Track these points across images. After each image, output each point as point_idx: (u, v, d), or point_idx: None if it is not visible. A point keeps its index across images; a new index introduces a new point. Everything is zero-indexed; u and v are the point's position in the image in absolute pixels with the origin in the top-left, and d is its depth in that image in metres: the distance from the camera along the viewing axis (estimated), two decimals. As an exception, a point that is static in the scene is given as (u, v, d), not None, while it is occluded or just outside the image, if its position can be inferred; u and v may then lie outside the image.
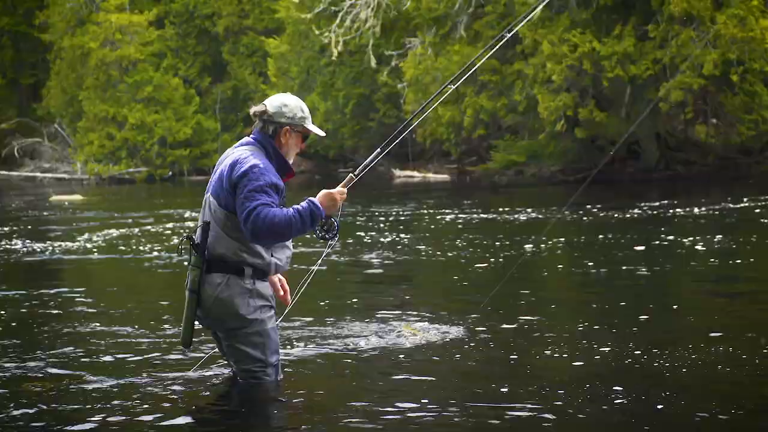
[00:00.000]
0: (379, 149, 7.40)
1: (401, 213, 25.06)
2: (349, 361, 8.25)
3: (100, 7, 54.73)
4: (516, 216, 22.70)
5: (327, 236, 7.10)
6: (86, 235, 21.11)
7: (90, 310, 11.30)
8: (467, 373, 7.76)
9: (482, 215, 23.44)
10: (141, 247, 18.29)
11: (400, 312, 10.37)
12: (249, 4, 55.06)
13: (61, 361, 8.50)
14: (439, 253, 16.20)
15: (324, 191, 7.10)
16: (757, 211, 21.88)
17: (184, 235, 7.23)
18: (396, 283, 13.34)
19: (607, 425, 6.39)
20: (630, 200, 26.01)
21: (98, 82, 53.34)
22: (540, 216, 22.60)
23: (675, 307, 10.81)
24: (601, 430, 6.35)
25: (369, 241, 18.16)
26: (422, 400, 6.88)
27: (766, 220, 20.22)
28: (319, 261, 7.57)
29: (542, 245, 16.72)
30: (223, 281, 7.03)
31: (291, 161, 7.31)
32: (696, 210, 22.49)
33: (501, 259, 14.92)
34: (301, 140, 7.33)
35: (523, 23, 7.89)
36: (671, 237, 17.24)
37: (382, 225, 21.81)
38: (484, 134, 40.49)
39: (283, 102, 7.25)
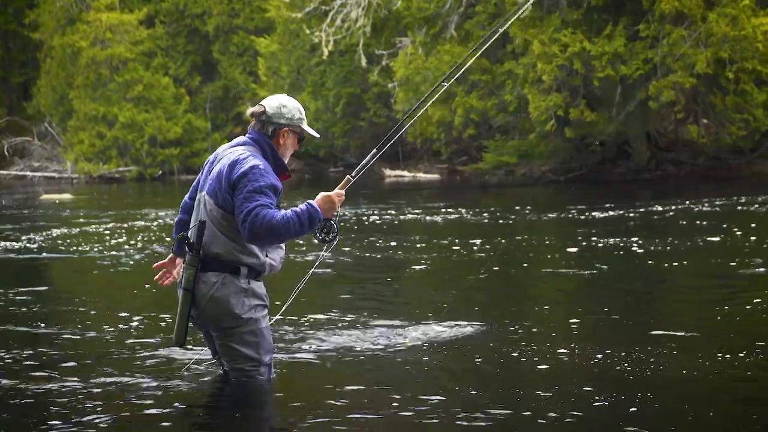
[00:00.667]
0: (375, 150, 7.40)
1: (390, 213, 25.04)
2: (341, 361, 8.24)
3: (90, 6, 54.60)
4: (499, 216, 22.72)
5: (327, 238, 7.10)
6: (75, 234, 21.07)
7: (79, 309, 11.27)
8: (458, 375, 7.76)
9: (470, 215, 23.46)
10: (130, 246, 18.26)
11: (390, 314, 10.35)
12: (239, 3, 54.99)
13: (48, 360, 8.49)
14: (425, 255, 16.21)
15: (322, 194, 7.10)
16: (709, 211, 21.92)
17: (180, 234, 7.21)
18: (386, 283, 13.34)
19: (584, 425, 6.40)
20: (605, 200, 26.03)
21: (88, 81, 53.21)
22: (512, 217, 22.62)
23: (606, 309, 10.82)
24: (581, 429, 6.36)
25: (361, 241, 18.17)
26: (416, 401, 6.88)
27: (706, 222, 20.26)
28: (317, 263, 7.55)
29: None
30: (218, 280, 7.02)
31: (286, 161, 7.31)
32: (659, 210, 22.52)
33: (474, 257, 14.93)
34: (297, 141, 7.35)
35: (517, 15, 7.84)
36: (610, 239, 17.26)
37: (371, 225, 21.82)
38: (475, 134, 40.50)
39: (282, 103, 7.27)
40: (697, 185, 32.05)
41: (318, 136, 7.51)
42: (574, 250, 15.95)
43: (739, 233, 17.61)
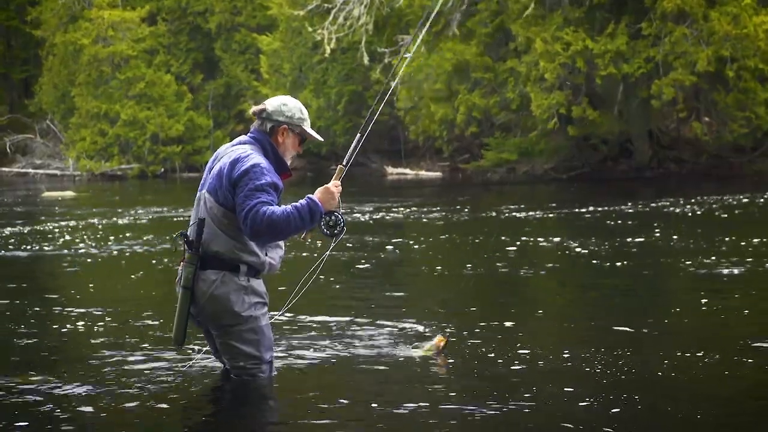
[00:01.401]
0: (359, 134, 7.36)
1: (390, 211, 25.03)
2: (343, 361, 8.23)
3: (92, 4, 54.61)
4: (500, 213, 22.71)
5: (334, 231, 7.07)
6: (76, 231, 21.06)
7: (77, 306, 11.26)
8: (458, 377, 7.75)
9: (470, 213, 23.45)
10: (131, 243, 18.25)
11: (394, 314, 10.35)
12: (241, 1, 55.01)
13: (46, 358, 8.48)
14: (430, 253, 16.21)
15: (320, 188, 7.09)
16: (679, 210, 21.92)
17: (178, 231, 7.21)
18: (388, 283, 13.33)
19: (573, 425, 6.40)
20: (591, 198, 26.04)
21: (90, 79, 53.22)
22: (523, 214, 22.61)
23: (539, 312, 10.80)
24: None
25: (360, 240, 18.16)
26: (414, 402, 6.86)
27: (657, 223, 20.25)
28: (324, 257, 7.50)
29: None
30: (218, 278, 7.01)
31: (288, 162, 7.30)
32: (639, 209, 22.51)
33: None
34: (298, 142, 7.34)
35: (436, 10, 7.82)
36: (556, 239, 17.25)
37: (371, 223, 21.81)
38: (477, 132, 40.50)
39: (283, 102, 7.29)
40: (698, 183, 32.04)
41: (321, 139, 7.49)
42: (568, 248, 15.94)
43: (736, 233, 17.59)
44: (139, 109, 52.52)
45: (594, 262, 14.23)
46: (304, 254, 15.01)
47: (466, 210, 24.32)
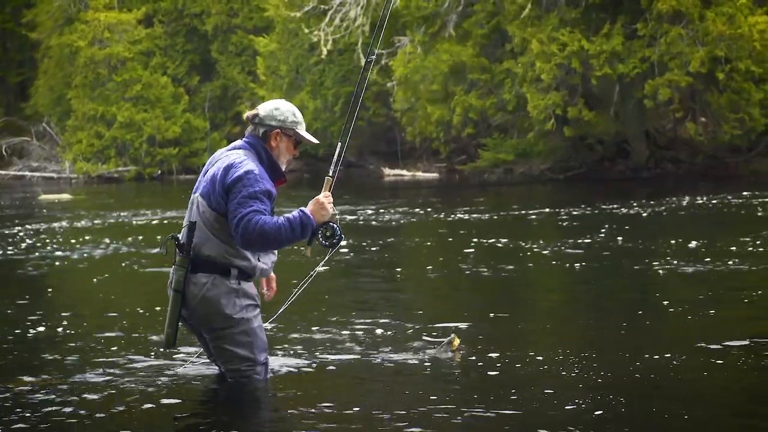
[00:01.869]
0: (339, 143, 7.34)
1: (388, 212, 25.03)
2: (340, 363, 8.22)
3: (88, 6, 54.57)
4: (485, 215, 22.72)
5: (333, 241, 7.07)
6: (72, 234, 21.06)
7: (73, 309, 11.26)
8: (454, 381, 7.75)
9: (465, 214, 23.47)
10: (127, 246, 18.25)
11: (390, 316, 10.35)
12: (238, 3, 54.99)
13: (40, 360, 8.47)
14: (420, 256, 16.21)
15: (311, 200, 7.08)
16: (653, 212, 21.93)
17: (169, 235, 7.21)
18: (385, 285, 13.33)
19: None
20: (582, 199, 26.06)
21: (86, 81, 53.16)
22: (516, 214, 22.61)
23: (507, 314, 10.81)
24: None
25: (358, 242, 18.16)
26: (412, 405, 6.86)
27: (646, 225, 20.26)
28: (320, 264, 7.50)
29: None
30: (208, 281, 7.01)
31: (284, 167, 7.29)
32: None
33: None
34: (293, 146, 7.32)
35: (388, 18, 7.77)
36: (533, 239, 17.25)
37: (368, 225, 21.82)
38: (474, 133, 40.50)
39: (275, 106, 7.27)
40: (695, 184, 32.05)
41: (316, 141, 7.47)
42: (564, 249, 15.95)
43: (732, 233, 17.61)
44: (135, 111, 52.48)
45: (587, 262, 14.23)
46: (301, 260, 15.00)
47: (463, 211, 24.32)
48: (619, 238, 17.00)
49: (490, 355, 8.25)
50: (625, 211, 22.69)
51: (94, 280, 14.48)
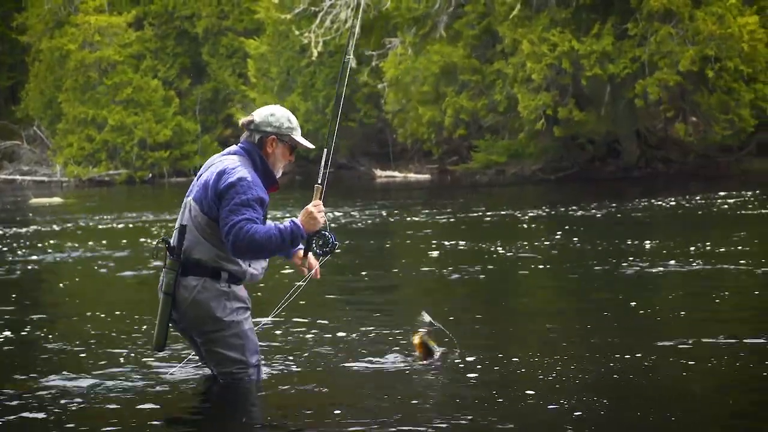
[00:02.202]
0: (325, 150, 7.32)
1: (379, 214, 25.04)
2: (329, 365, 8.22)
3: (78, 9, 54.53)
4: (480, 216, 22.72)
5: (326, 250, 7.10)
6: (63, 237, 21.04)
7: (65, 312, 11.24)
8: (437, 384, 7.75)
9: (456, 216, 23.48)
10: (118, 249, 18.23)
11: (383, 320, 10.35)
12: (228, 5, 54.95)
13: (31, 363, 8.45)
14: (413, 258, 16.21)
15: (302, 210, 7.09)
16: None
17: (160, 238, 7.21)
18: (379, 289, 13.33)
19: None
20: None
21: (77, 84, 53.13)
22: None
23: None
24: None
25: (351, 243, 18.16)
26: (406, 408, 6.87)
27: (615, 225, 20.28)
28: (312, 273, 7.47)
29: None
30: (198, 284, 7.00)
31: (279, 173, 7.29)
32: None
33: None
34: (289, 152, 7.31)
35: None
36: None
37: (360, 227, 21.82)
38: (465, 134, 40.51)
39: (271, 112, 7.25)
40: (685, 183, 32.08)
41: (312, 146, 7.44)
42: (555, 251, 15.96)
43: (715, 233, 17.64)
44: (126, 114, 52.46)
45: (579, 263, 14.24)
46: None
47: (454, 212, 24.33)
48: (604, 238, 17.02)
49: (469, 358, 8.24)
50: (615, 211, 22.71)
51: (85, 282, 14.45)
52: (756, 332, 8.87)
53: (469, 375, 7.66)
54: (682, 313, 10.11)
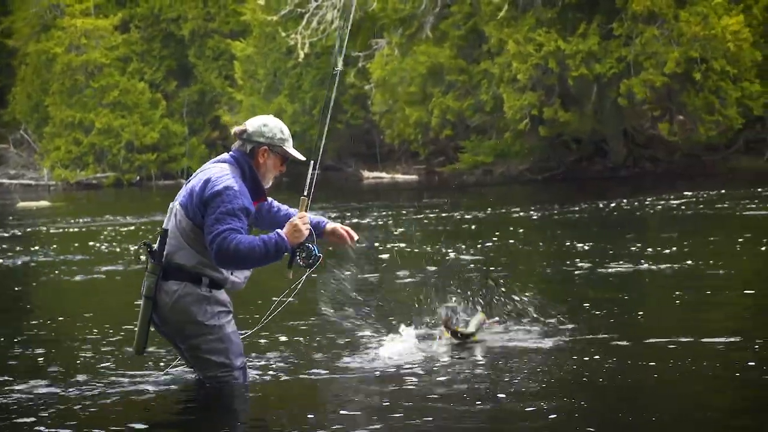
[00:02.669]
0: (311, 161, 7.31)
1: (371, 214, 25.04)
2: (320, 367, 8.23)
3: (64, 12, 54.47)
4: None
5: (309, 262, 7.10)
6: (50, 241, 21.01)
7: (52, 315, 11.22)
8: (430, 381, 7.76)
9: (445, 215, 23.49)
10: (104, 252, 18.21)
11: (373, 325, 10.35)
12: (214, 7, 54.92)
13: (19, 367, 8.44)
14: (403, 259, 16.23)
15: (287, 223, 7.07)
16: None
17: (142, 241, 7.20)
18: (369, 292, 13.33)
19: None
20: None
21: (64, 88, 53.09)
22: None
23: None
24: None
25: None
26: (393, 408, 6.88)
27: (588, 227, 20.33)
28: (299, 283, 7.48)
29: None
30: (179, 288, 7.00)
31: (269, 183, 7.30)
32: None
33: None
34: (280, 163, 7.32)
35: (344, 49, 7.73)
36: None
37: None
38: (452, 135, 40.52)
39: (264, 122, 7.25)
40: (672, 182, 32.10)
41: (303, 158, 7.42)
42: (542, 250, 15.99)
43: (698, 232, 17.67)
44: (113, 117, 52.44)
45: (570, 263, 14.27)
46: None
47: (441, 212, 24.34)
48: (589, 238, 17.06)
49: (450, 358, 8.27)
50: (600, 210, 22.75)
51: (70, 285, 14.43)
52: (745, 331, 8.90)
53: (449, 377, 7.68)
54: (670, 312, 10.15)
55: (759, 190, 25.36)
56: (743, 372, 7.51)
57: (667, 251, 14.80)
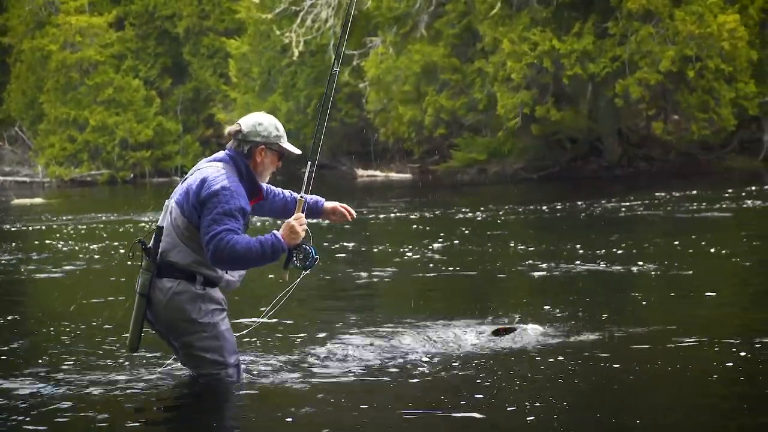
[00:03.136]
0: (309, 162, 7.33)
1: (366, 213, 25.04)
2: (314, 364, 8.23)
3: (59, 10, 54.41)
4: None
5: (306, 264, 7.10)
6: (44, 238, 20.99)
7: (46, 313, 11.21)
8: (437, 387, 7.77)
9: (436, 215, 23.49)
10: (98, 250, 18.20)
11: (365, 323, 10.35)
12: (209, 5, 54.87)
13: (13, 364, 8.42)
14: (395, 259, 16.23)
15: (284, 224, 7.08)
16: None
17: (136, 239, 7.20)
18: (361, 289, 13.33)
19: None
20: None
21: (58, 85, 53.04)
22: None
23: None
24: None
25: (337, 244, 18.17)
26: (386, 408, 6.88)
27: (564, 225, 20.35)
28: (295, 284, 7.48)
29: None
30: (173, 286, 7.00)
31: (266, 180, 7.31)
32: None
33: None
34: (277, 159, 7.32)
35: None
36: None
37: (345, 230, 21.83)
38: (446, 133, 40.50)
39: (258, 121, 7.22)
40: (666, 181, 32.12)
41: (299, 152, 7.43)
42: (534, 249, 15.99)
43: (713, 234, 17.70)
44: (107, 114, 52.39)
45: (565, 262, 14.27)
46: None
47: (435, 212, 24.35)
48: (580, 237, 17.07)
49: (449, 354, 8.27)
50: (594, 209, 22.78)
51: (65, 283, 14.42)
52: (738, 332, 8.92)
53: (445, 374, 7.68)
54: (662, 312, 10.16)
55: (753, 188, 25.41)
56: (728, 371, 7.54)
57: (652, 252, 14.82)
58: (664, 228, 18.87)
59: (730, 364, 7.70)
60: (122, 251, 17.90)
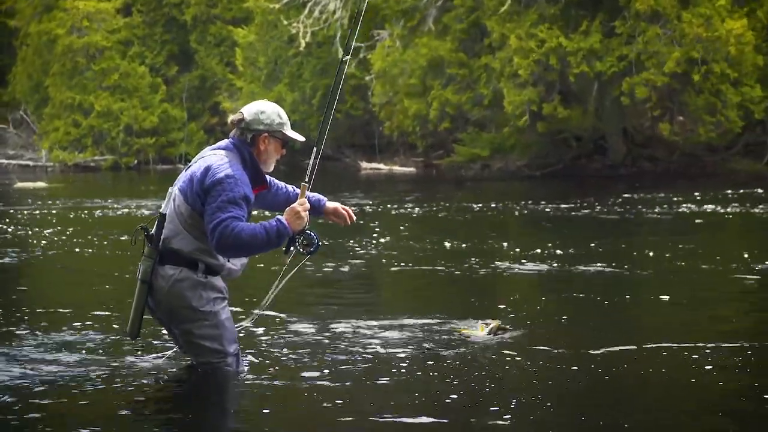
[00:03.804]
0: (315, 149, 7.35)
1: (369, 206, 25.05)
2: (313, 355, 8.23)
3: (67, -7, 54.36)
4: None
5: (310, 250, 7.11)
6: (46, 222, 20.99)
7: (47, 300, 11.21)
8: (432, 378, 7.77)
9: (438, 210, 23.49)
10: (100, 236, 18.20)
11: (365, 315, 10.37)
12: (217, -7, 54.80)
13: (11, 351, 8.42)
14: (395, 252, 16.23)
15: (287, 209, 7.08)
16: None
17: (139, 225, 7.21)
18: (361, 284, 13.34)
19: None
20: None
21: (64, 69, 52.97)
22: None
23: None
24: None
25: (336, 239, 18.18)
26: (384, 408, 6.89)
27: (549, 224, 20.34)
28: (296, 268, 7.49)
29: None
30: (175, 273, 7.01)
31: (271, 168, 7.33)
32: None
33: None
34: (281, 146, 7.33)
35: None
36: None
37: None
38: (450, 127, 40.45)
39: (260, 109, 7.23)
40: (671, 182, 32.13)
41: (303, 139, 7.46)
42: (532, 248, 15.99)
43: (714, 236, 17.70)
44: (113, 100, 52.33)
45: (561, 262, 14.28)
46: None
47: (439, 207, 24.35)
48: (579, 237, 17.06)
49: (442, 354, 8.27)
50: (594, 210, 22.77)
51: (65, 269, 14.43)
52: (736, 336, 8.92)
53: (451, 372, 7.69)
54: (665, 314, 10.16)
55: (759, 191, 25.40)
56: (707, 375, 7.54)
57: (649, 253, 14.83)
58: (664, 228, 18.86)
59: (723, 367, 7.71)
60: (122, 238, 17.90)
